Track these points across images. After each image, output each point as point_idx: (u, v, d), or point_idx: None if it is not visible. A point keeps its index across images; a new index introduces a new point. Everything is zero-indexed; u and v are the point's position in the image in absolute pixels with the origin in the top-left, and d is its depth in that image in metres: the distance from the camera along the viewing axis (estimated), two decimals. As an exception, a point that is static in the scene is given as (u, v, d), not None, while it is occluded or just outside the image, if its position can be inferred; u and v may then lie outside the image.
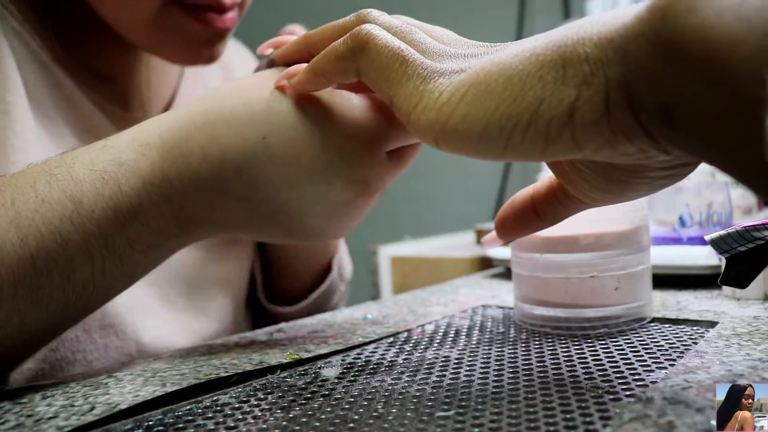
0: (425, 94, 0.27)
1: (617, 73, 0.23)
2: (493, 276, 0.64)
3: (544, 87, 0.24)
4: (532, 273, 0.40)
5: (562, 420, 0.25)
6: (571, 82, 0.24)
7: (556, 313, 0.39)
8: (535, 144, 0.25)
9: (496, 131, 0.25)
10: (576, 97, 0.24)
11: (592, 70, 0.24)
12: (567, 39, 0.24)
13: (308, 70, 0.33)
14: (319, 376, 0.33)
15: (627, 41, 0.23)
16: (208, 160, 0.33)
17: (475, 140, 0.26)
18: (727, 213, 0.54)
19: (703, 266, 0.49)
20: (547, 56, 0.24)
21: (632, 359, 0.32)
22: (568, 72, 0.24)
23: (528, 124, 0.25)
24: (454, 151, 0.27)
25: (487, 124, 0.25)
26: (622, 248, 0.38)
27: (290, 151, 0.33)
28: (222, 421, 0.28)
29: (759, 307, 0.41)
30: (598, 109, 0.24)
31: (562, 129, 0.24)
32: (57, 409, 0.29)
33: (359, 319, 0.46)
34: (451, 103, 0.26)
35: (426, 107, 0.27)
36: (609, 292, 0.38)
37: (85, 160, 0.33)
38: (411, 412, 0.27)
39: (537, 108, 0.24)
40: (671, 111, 0.22)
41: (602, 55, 0.23)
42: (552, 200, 0.33)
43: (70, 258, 0.32)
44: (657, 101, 0.22)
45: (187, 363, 0.36)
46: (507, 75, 0.25)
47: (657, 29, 0.22)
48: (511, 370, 0.32)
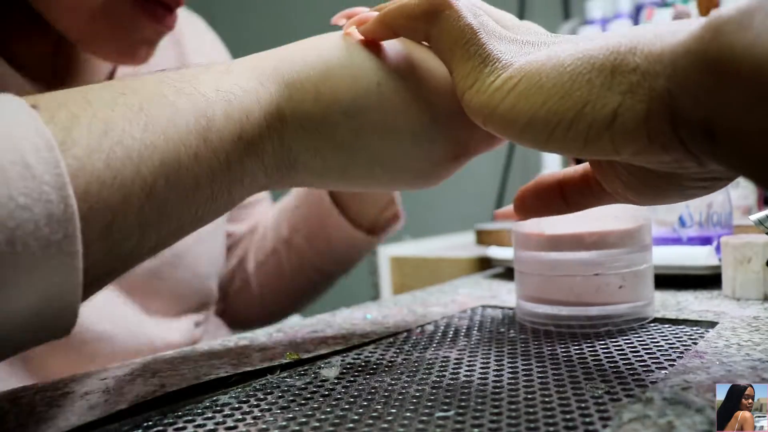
0: (481, 76, 0.29)
1: (663, 86, 0.24)
2: (493, 276, 0.64)
3: (591, 90, 0.25)
4: (536, 271, 0.40)
5: (562, 420, 0.25)
6: (617, 89, 0.25)
7: (559, 312, 0.39)
8: (576, 142, 0.26)
9: (540, 125, 0.27)
10: (619, 104, 0.25)
11: (639, 80, 0.25)
12: (620, 46, 0.25)
13: (378, 21, 0.33)
14: (319, 376, 0.33)
15: (677, 56, 0.24)
16: (319, 100, 0.32)
17: (519, 129, 0.28)
18: (727, 213, 0.54)
19: (703, 266, 0.49)
20: (598, 60, 0.25)
21: (632, 359, 0.32)
22: (616, 79, 0.25)
23: (571, 123, 0.26)
24: (499, 134, 0.29)
25: (533, 116, 0.27)
26: (626, 246, 0.38)
27: (401, 101, 0.33)
28: (222, 421, 0.28)
29: (759, 307, 0.41)
30: (639, 117, 0.25)
31: (602, 132, 0.26)
32: (57, 409, 0.29)
33: (359, 319, 0.46)
34: (502, 91, 0.28)
35: (479, 90, 0.29)
36: (613, 290, 0.38)
37: (209, 79, 0.31)
38: (411, 412, 0.27)
39: (582, 108, 0.26)
40: (714, 127, 0.23)
41: (651, 67, 0.24)
42: (584, 189, 0.34)
43: (196, 177, 0.29)
44: (700, 117, 0.23)
45: (187, 363, 0.36)
46: (558, 72, 0.26)
47: (708, 45, 0.22)
48: (511, 370, 0.32)
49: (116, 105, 0.28)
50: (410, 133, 0.34)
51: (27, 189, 0.23)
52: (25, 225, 0.23)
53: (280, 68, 0.33)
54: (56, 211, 0.24)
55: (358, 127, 0.33)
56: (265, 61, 0.33)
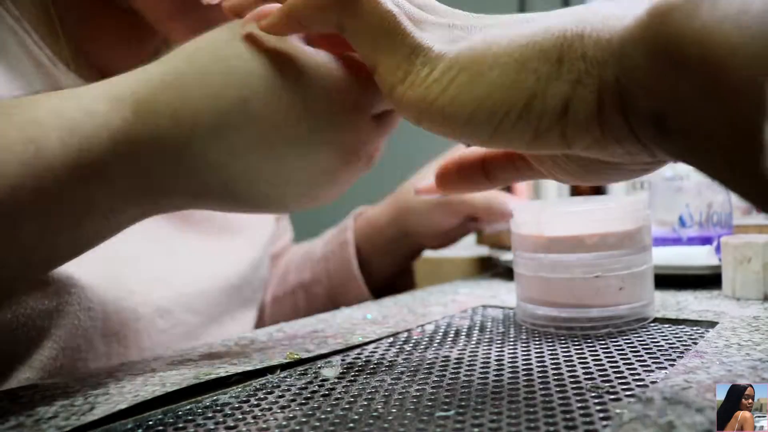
0: (413, 69, 0.26)
1: (612, 75, 0.23)
2: (493, 276, 0.64)
3: (538, 79, 0.24)
4: (536, 273, 0.40)
5: (562, 420, 0.25)
6: (566, 78, 0.24)
7: (560, 313, 0.39)
8: (525, 135, 0.25)
9: (485, 117, 0.25)
10: (569, 95, 0.24)
11: (587, 68, 0.23)
12: (566, 31, 0.24)
13: (283, 13, 0.29)
14: (319, 376, 0.33)
15: (624, 44, 0.23)
16: (180, 124, 0.30)
17: (461, 124, 0.26)
18: (727, 213, 0.54)
19: (703, 266, 0.49)
20: (543, 47, 0.24)
21: (632, 359, 0.32)
22: (564, 67, 0.24)
23: (520, 115, 0.24)
24: (435, 131, 0.27)
25: (477, 108, 0.25)
26: (626, 248, 0.38)
27: (272, 114, 0.30)
28: (222, 421, 0.28)
29: (759, 307, 0.41)
30: (591, 109, 0.24)
31: (553, 124, 0.24)
32: (57, 409, 0.29)
33: (359, 319, 0.46)
34: (440, 83, 0.26)
35: (413, 83, 0.26)
36: (613, 291, 0.38)
37: (50, 105, 0.29)
38: (411, 412, 0.27)
39: (530, 100, 0.24)
40: (665, 118, 0.22)
41: (598, 55, 0.23)
42: (508, 167, 0.33)
43: (20, 209, 0.28)
44: (651, 108, 0.22)
45: (187, 363, 0.36)
46: (503, 62, 0.25)
47: (655, 34, 0.22)
48: (511, 370, 0.32)
49: None
50: (290, 145, 0.31)
51: None
52: None
53: (135, 89, 0.30)
54: None
55: (230, 148, 0.30)
56: (125, 80, 0.31)
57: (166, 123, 0.30)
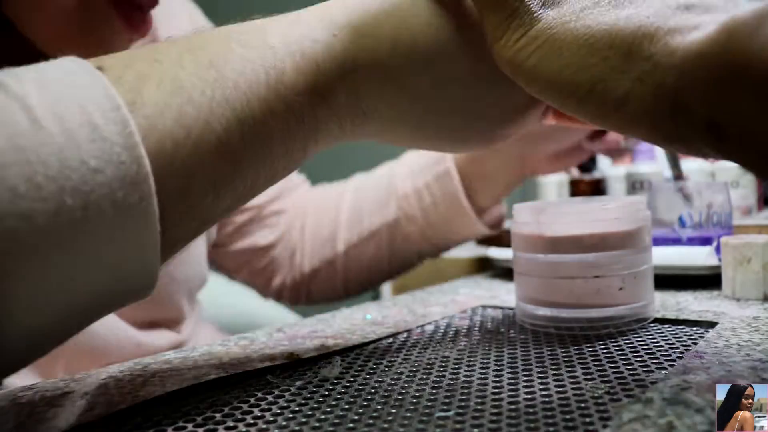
0: (509, 31, 0.29)
1: (671, 82, 0.25)
2: (493, 276, 0.64)
3: (605, 69, 0.26)
4: (536, 274, 0.40)
5: (562, 420, 0.25)
6: (630, 75, 0.26)
7: (560, 314, 0.39)
8: (587, 115, 0.28)
9: (556, 91, 0.28)
10: (629, 90, 0.26)
11: (650, 70, 0.25)
12: (641, 27, 0.26)
13: None
14: (319, 376, 0.33)
15: (689, 56, 0.24)
16: (397, 48, 0.31)
17: (539, 89, 0.29)
18: (727, 213, 0.54)
19: (702, 266, 0.49)
20: (618, 37, 0.26)
21: (632, 360, 0.32)
22: (630, 63, 0.26)
23: (583, 98, 0.27)
24: (525, 89, 0.29)
25: (550, 81, 0.28)
26: (626, 248, 0.38)
27: (481, 48, 0.31)
28: (222, 421, 0.28)
29: (759, 307, 0.41)
30: (646, 108, 0.26)
31: (610, 113, 0.27)
32: (57, 409, 0.29)
33: (359, 319, 0.46)
34: (525, 51, 0.28)
35: (506, 45, 0.29)
36: (614, 292, 0.38)
37: (276, 31, 0.30)
38: (411, 412, 0.27)
39: (594, 86, 0.26)
40: (722, 126, 0.24)
41: (663, 60, 0.25)
42: None
43: (270, 132, 0.28)
44: (707, 116, 0.24)
45: (187, 363, 0.36)
46: (579, 43, 0.27)
47: (721, 49, 0.23)
48: (511, 370, 0.32)
49: (184, 62, 0.27)
50: (492, 78, 0.32)
51: (98, 151, 0.23)
52: (99, 189, 0.22)
53: (352, 16, 0.31)
54: (129, 172, 0.23)
55: (437, 77, 0.31)
56: (336, 9, 0.31)
57: (384, 48, 0.31)
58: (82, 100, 0.23)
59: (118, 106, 0.24)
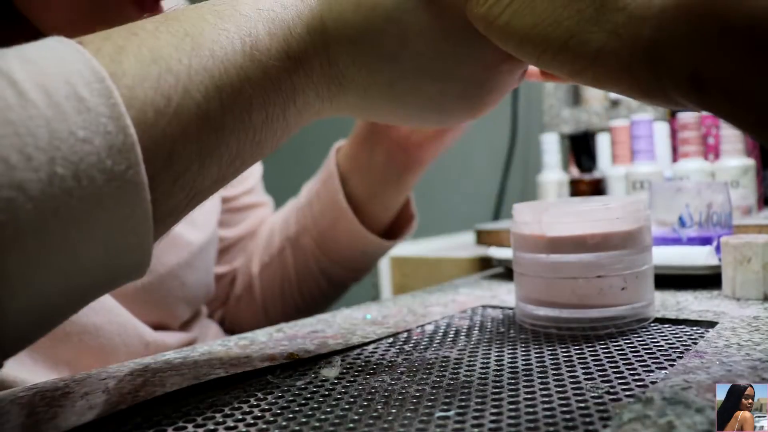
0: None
1: (648, 34, 0.24)
2: (493, 276, 0.64)
3: (579, 21, 0.26)
4: (537, 274, 0.40)
5: (562, 420, 0.25)
6: (604, 26, 0.25)
7: (561, 314, 0.39)
8: (563, 69, 0.27)
9: (530, 47, 0.27)
10: (603, 44, 0.25)
11: (625, 22, 0.25)
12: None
13: None
14: (319, 376, 0.33)
15: (668, 6, 0.24)
16: (361, 7, 0.31)
17: (513, 45, 0.28)
18: (726, 213, 0.54)
19: (702, 266, 0.49)
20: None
21: (632, 360, 0.32)
22: (604, 15, 0.25)
23: (557, 51, 0.27)
24: (499, 45, 0.29)
25: (524, 37, 0.27)
26: (628, 248, 0.38)
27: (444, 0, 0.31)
28: (222, 421, 0.28)
29: (759, 307, 0.41)
30: (621, 62, 0.25)
31: (586, 67, 0.26)
32: (57, 409, 0.29)
33: (359, 319, 0.46)
34: (498, 6, 0.28)
35: (478, 1, 0.29)
36: (616, 292, 0.38)
37: (248, 0, 0.31)
38: (411, 412, 0.27)
39: (568, 40, 0.26)
40: (704, 77, 0.23)
41: (638, 12, 0.25)
42: None
43: (249, 98, 0.29)
44: (688, 67, 0.24)
45: (187, 363, 0.36)
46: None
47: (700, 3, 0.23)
48: (511, 370, 0.32)
49: (160, 33, 0.27)
50: (459, 33, 0.31)
51: (85, 122, 0.23)
52: (88, 158, 0.23)
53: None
54: (116, 141, 0.24)
55: (402, 33, 0.31)
56: None
57: (348, 8, 0.31)
58: (67, 73, 0.24)
59: (102, 78, 0.24)
